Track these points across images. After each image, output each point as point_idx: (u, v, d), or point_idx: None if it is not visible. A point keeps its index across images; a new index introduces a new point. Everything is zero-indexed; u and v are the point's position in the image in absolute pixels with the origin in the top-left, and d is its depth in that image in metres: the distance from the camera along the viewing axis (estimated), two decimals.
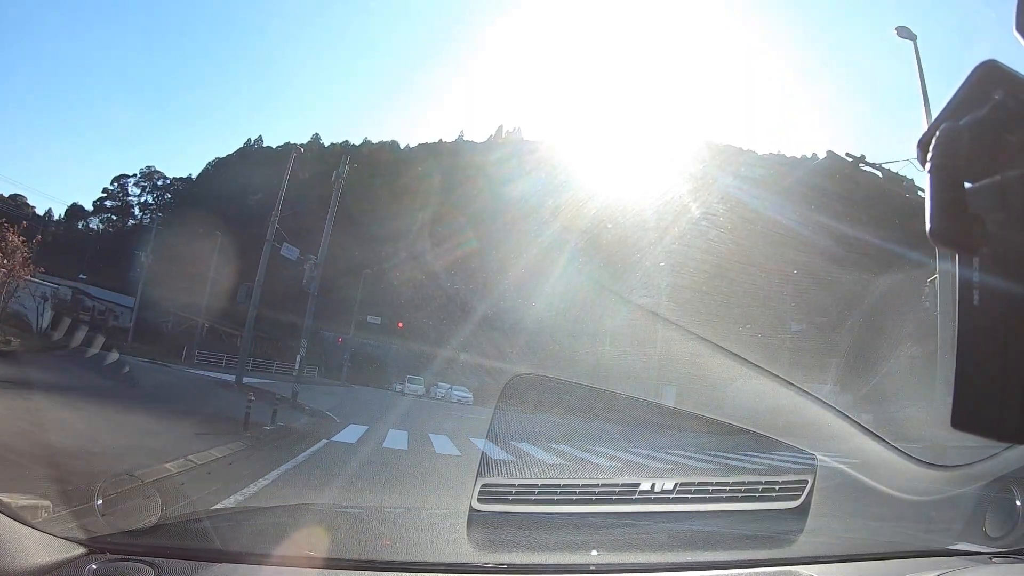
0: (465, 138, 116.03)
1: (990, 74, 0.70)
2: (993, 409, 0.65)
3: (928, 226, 0.68)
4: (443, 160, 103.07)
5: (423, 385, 47.51)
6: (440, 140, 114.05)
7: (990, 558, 2.18)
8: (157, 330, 46.85)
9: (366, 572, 1.74)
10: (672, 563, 2.18)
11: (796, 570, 2.12)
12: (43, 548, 1.53)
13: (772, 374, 9.39)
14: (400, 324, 62.37)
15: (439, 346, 71.18)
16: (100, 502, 2.17)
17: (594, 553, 2.46)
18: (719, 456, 11.22)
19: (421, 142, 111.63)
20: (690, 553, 2.49)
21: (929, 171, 0.69)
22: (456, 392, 42.99)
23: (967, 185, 0.69)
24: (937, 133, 0.70)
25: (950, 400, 0.70)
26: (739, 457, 10.63)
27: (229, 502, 6.00)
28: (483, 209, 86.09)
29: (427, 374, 53.09)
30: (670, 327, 28.96)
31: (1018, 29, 0.67)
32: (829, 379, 26.50)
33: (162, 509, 2.23)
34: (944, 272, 15.10)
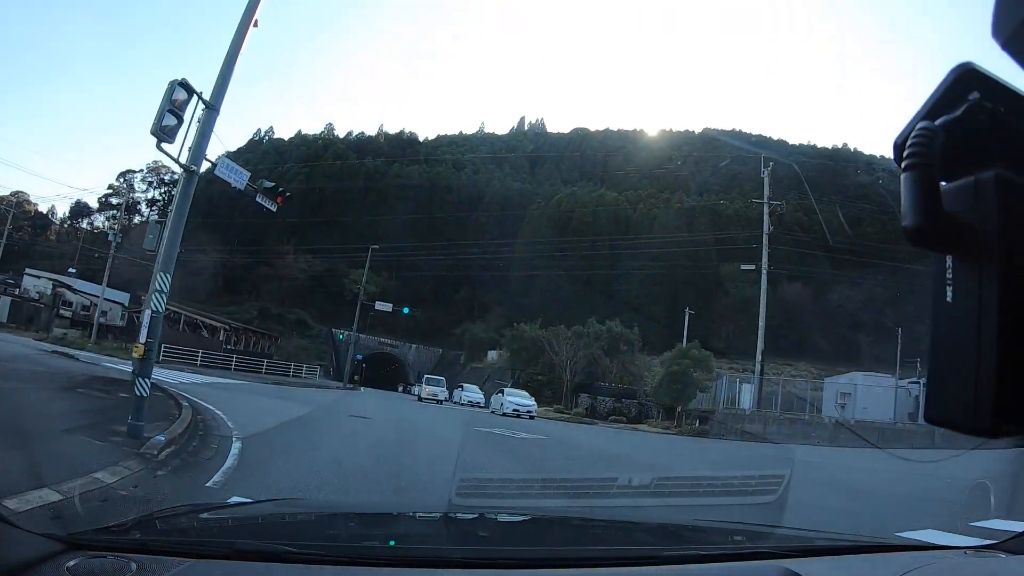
0: (486, 130, 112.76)
1: (966, 76, 0.72)
2: (966, 404, 0.67)
3: (903, 224, 0.69)
4: (463, 152, 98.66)
5: (444, 387, 38.77)
6: (460, 132, 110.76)
7: (965, 552, 2.07)
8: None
9: (346, 566, 1.61)
10: (651, 555, 2.02)
11: (773, 563, 1.91)
12: (20, 545, 1.49)
13: None
14: (413, 310, 54.38)
15: (462, 346, 65.50)
16: (79, 499, 2.29)
17: (573, 545, 2.43)
18: None
19: (440, 133, 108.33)
20: (669, 545, 2.36)
21: (904, 170, 0.70)
22: (512, 399, 30.11)
23: (942, 185, 0.71)
24: (913, 133, 0.71)
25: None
26: None
27: None
28: (507, 204, 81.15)
29: (451, 375, 45.55)
30: None
31: (994, 34, 0.68)
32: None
33: (143, 505, 2.22)
34: None
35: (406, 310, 50.96)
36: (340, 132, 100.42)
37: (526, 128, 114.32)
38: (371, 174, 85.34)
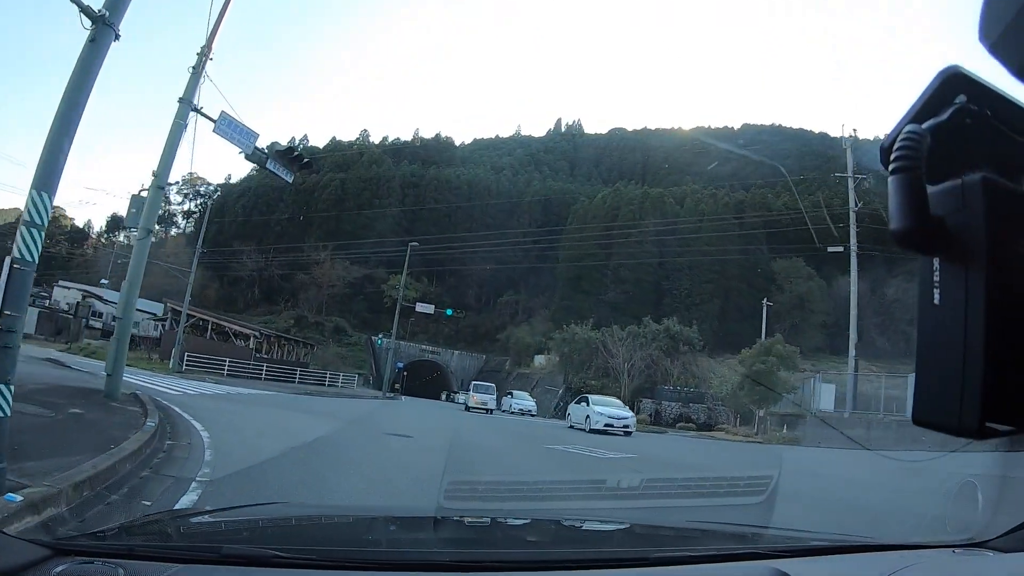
0: (523, 133, 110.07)
1: (953, 79, 0.73)
2: (953, 406, 0.68)
3: (891, 227, 0.70)
4: (501, 155, 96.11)
5: (495, 394, 35.13)
6: (496, 136, 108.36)
7: (953, 551, 2.01)
8: (168, 334, 37.58)
9: (333, 570, 1.63)
10: (640, 558, 2.00)
11: (762, 563, 1.90)
12: (7, 551, 1.48)
13: None
14: (457, 311, 51.63)
15: (507, 351, 62.37)
16: (66, 506, 2.25)
17: (561, 548, 2.40)
18: None
19: (477, 137, 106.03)
20: (658, 547, 2.30)
21: (892, 173, 0.71)
22: (603, 409, 23.32)
23: (929, 188, 0.71)
24: (900, 136, 0.71)
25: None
26: None
27: None
28: (549, 204, 78.24)
29: (496, 382, 42.11)
30: None
31: (981, 38, 0.69)
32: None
33: (130, 510, 2.23)
34: None
35: (449, 312, 48.12)
36: (375, 138, 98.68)
37: (563, 130, 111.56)
38: (408, 179, 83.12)
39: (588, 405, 23.83)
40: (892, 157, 0.70)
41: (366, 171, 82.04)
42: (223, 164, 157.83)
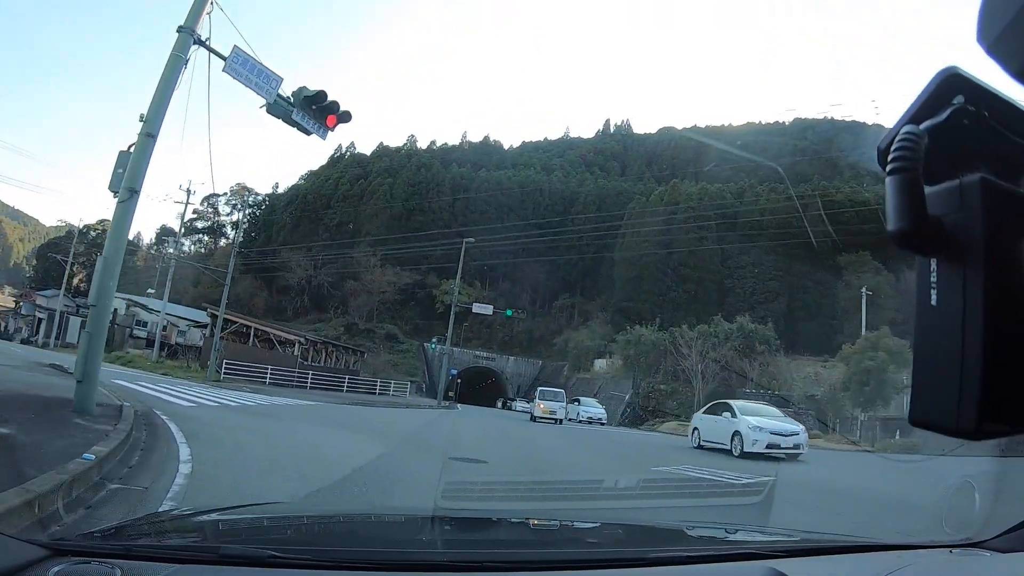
0: (572, 134, 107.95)
1: (951, 80, 0.73)
2: (950, 407, 0.68)
3: (889, 228, 0.70)
4: (551, 157, 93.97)
5: (564, 402, 31.36)
6: (545, 138, 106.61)
7: (950, 551, 1.97)
8: (209, 341, 35.98)
9: (331, 571, 1.61)
10: (637, 557, 1.98)
11: (759, 563, 1.87)
12: (3, 551, 1.44)
13: None
14: (516, 312, 49.36)
15: (564, 356, 59.46)
16: (62, 505, 2.14)
17: (558, 548, 2.35)
18: None
19: (525, 140, 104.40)
20: (655, 547, 2.24)
21: (889, 174, 0.71)
22: (758, 421, 15.68)
23: (927, 188, 0.71)
24: (897, 137, 0.72)
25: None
26: None
27: None
28: (602, 204, 76.23)
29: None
30: None
31: (979, 39, 0.69)
32: None
33: (126, 510, 2.09)
34: None
35: (509, 312, 45.71)
36: (422, 143, 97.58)
37: (612, 131, 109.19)
38: (458, 181, 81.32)
39: (735, 416, 16.30)
40: (890, 158, 0.69)
41: (414, 175, 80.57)
42: (272, 175, 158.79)
